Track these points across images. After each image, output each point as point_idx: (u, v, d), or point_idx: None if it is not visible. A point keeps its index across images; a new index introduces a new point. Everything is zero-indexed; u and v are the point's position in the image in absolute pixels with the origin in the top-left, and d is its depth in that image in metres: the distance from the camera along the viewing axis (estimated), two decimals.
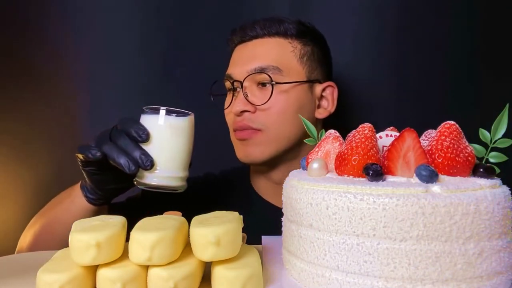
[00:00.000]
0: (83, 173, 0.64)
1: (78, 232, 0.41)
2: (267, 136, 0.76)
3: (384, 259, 0.37)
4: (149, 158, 0.57)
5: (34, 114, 1.02)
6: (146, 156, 0.57)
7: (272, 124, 0.76)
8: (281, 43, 0.79)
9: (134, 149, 0.58)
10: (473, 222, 0.37)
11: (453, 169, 0.41)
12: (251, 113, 0.76)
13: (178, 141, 0.60)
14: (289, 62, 0.78)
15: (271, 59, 0.77)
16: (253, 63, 0.77)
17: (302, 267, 0.43)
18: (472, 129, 0.46)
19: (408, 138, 0.41)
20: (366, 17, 1.01)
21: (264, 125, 0.76)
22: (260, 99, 0.76)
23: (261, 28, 0.79)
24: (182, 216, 0.48)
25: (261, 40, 0.79)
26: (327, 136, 0.50)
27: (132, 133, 0.58)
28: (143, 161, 0.57)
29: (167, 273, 0.39)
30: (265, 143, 0.77)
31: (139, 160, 0.57)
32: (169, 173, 0.59)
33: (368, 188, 0.38)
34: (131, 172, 0.57)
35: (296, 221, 0.44)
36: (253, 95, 0.77)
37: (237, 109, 0.76)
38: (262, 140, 0.76)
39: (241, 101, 0.76)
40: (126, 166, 0.56)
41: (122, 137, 0.59)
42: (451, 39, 1.01)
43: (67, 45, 1.02)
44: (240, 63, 0.79)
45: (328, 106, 0.83)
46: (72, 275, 0.40)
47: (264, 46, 0.79)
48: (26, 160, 1.02)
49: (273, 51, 0.78)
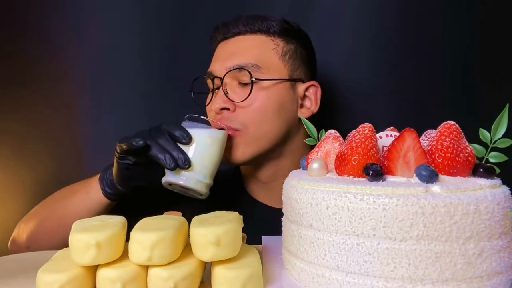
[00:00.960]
0: (115, 166, 0.66)
1: (78, 232, 0.41)
2: (246, 136, 0.75)
3: (384, 259, 0.37)
4: (188, 159, 0.62)
5: (34, 114, 1.02)
6: (185, 156, 0.61)
7: (252, 123, 0.74)
8: (262, 40, 0.78)
9: (175, 148, 0.62)
10: (473, 222, 0.37)
11: (453, 169, 0.41)
12: (230, 112, 0.75)
13: (213, 150, 0.65)
14: (270, 59, 0.77)
15: (251, 56, 0.76)
16: (232, 59, 0.76)
17: (302, 267, 0.43)
18: (472, 129, 0.46)
19: (408, 138, 0.41)
20: (366, 17, 1.01)
21: (243, 124, 0.74)
22: (240, 96, 0.74)
23: (244, 25, 0.78)
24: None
25: (243, 37, 0.78)
26: (327, 136, 0.50)
27: (176, 134, 0.63)
28: (182, 160, 0.61)
29: (167, 273, 0.39)
30: (245, 143, 0.75)
31: (179, 159, 0.61)
32: (198, 176, 0.63)
33: (368, 188, 0.38)
34: (170, 168, 0.60)
35: (296, 221, 0.44)
36: (234, 92, 0.75)
37: (217, 106, 0.74)
38: (241, 140, 0.75)
39: (221, 98, 0.75)
40: (166, 162, 0.60)
41: (164, 136, 0.63)
42: (451, 39, 1.01)
43: (67, 46, 1.02)
44: (221, 59, 0.78)
45: (311, 106, 0.81)
46: (72, 275, 0.40)
47: (244, 42, 0.78)
48: (26, 160, 1.02)
49: (254, 48, 0.77)
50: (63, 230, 0.68)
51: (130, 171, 0.66)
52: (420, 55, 1.01)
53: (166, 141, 0.62)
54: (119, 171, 0.66)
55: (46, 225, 0.73)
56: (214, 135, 0.66)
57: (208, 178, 0.65)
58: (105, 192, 0.70)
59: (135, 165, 0.65)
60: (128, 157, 0.64)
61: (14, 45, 1.00)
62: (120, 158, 0.65)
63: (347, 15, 1.01)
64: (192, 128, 0.65)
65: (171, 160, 0.60)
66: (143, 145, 0.60)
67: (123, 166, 0.65)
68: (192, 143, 0.63)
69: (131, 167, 0.65)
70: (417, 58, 1.01)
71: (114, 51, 1.03)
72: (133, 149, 0.61)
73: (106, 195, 0.70)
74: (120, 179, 0.67)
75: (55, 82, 1.02)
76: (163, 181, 0.65)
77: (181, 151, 0.62)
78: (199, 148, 0.64)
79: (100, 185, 0.70)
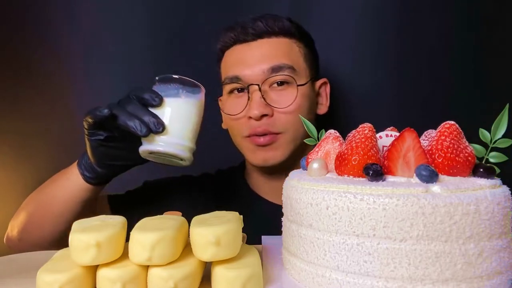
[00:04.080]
0: (88, 145, 0.62)
1: (78, 232, 0.41)
2: (286, 138, 0.76)
3: (384, 259, 0.37)
4: (160, 122, 0.56)
5: (34, 113, 1.02)
6: (157, 119, 0.56)
7: (292, 126, 0.76)
8: (287, 43, 0.79)
9: (145, 113, 0.56)
10: (473, 222, 0.37)
11: (453, 169, 0.41)
12: (269, 117, 0.75)
13: (189, 110, 0.59)
14: (298, 61, 0.78)
15: (285, 59, 0.76)
16: (266, 62, 0.75)
17: (302, 267, 0.43)
18: (472, 129, 0.46)
19: (408, 138, 0.41)
20: (367, 17, 1.01)
21: (284, 128, 0.75)
22: (279, 101, 0.75)
23: (265, 27, 0.77)
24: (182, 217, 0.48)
25: (268, 40, 0.78)
26: (327, 136, 0.50)
27: (144, 97, 0.57)
28: (155, 124, 0.55)
29: (167, 273, 0.39)
30: (284, 145, 0.76)
31: (151, 123, 0.55)
32: (178, 140, 0.57)
33: (368, 188, 0.38)
34: (142, 134, 0.55)
35: (296, 221, 0.44)
36: (268, 97, 0.75)
37: (256, 113, 0.73)
38: (281, 143, 0.76)
39: (260, 104, 0.74)
40: (137, 128, 0.55)
41: (133, 102, 0.58)
42: (452, 39, 1.01)
43: (67, 45, 1.02)
44: (250, 63, 0.76)
45: (324, 101, 0.85)
46: (72, 275, 0.40)
47: (272, 45, 0.77)
48: (26, 160, 1.02)
49: (284, 51, 0.77)
50: (51, 220, 0.68)
51: (104, 148, 0.61)
52: (420, 55, 1.01)
53: (135, 107, 0.57)
54: (93, 149, 0.62)
55: (34, 217, 0.71)
56: (189, 94, 0.60)
57: (189, 141, 0.59)
58: (85, 176, 0.66)
59: (108, 141, 0.60)
60: (98, 132, 0.60)
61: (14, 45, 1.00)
62: (90, 135, 0.60)
63: (347, 14, 1.01)
64: (163, 89, 0.59)
65: (142, 125, 0.55)
66: (108, 114, 0.56)
67: (95, 143, 0.61)
68: (165, 105, 0.58)
69: (104, 143, 0.61)
70: (417, 58, 1.01)
71: (114, 50, 1.03)
72: (98, 120, 0.57)
73: (86, 179, 0.66)
74: (96, 159, 0.63)
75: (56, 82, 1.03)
76: (141, 151, 0.59)
77: (153, 115, 0.56)
78: (175, 109, 0.58)
79: (78, 170, 0.66)
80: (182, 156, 0.58)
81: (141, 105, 0.57)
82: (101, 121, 0.57)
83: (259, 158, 0.78)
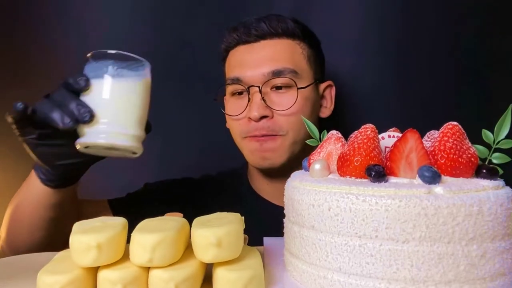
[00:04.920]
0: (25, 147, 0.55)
1: (79, 234, 0.41)
2: (286, 140, 0.76)
3: (386, 260, 0.37)
4: (87, 108, 0.48)
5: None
6: (83, 106, 0.48)
7: (292, 129, 0.75)
8: (291, 45, 0.78)
9: (72, 100, 0.48)
10: (476, 223, 0.36)
11: (456, 170, 0.41)
12: (269, 119, 0.75)
13: (130, 91, 0.50)
14: (300, 63, 0.78)
15: (286, 61, 0.76)
16: (269, 65, 0.75)
17: (304, 268, 0.43)
18: (475, 130, 0.46)
19: (411, 139, 0.41)
20: (370, 18, 1.01)
21: (284, 130, 0.75)
22: (279, 104, 0.75)
23: (268, 28, 0.77)
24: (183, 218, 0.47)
25: (270, 41, 0.77)
26: (329, 137, 0.50)
27: (69, 81, 0.49)
28: (80, 111, 0.47)
29: (168, 274, 0.39)
30: (284, 148, 0.76)
31: (75, 111, 0.47)
32: (120, 128, 0.49)
33: (370, 189, 0.38)
34: (66, 127, 0.48)
35: (298, 223, 0.43)
36: (269, 99, 0.75)
37: (256, 115, 0.74)
38: (281, 145, 0.76)
39: (260, 106, 0.74)
40: (59, 120, 0.48)
41: (58, 90, 0.50)
42: (454, 40, 1.01)
43: (67, 45, 1.02)
44: (251, 65, 0.76)
45: (328, 104, 0.84)
46: (72, 276, 0.40)
47: (275, 47, 0.77)
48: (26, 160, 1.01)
49: (287, 53, 0.77)
50: (26, 224, 0.64)
51: (43, 147, 0.54)
52: (423, 56, 1.01)
53: (60, 94, 0.50)
54: (32, 150, 0.55)
55: (13, 229, 0.67)
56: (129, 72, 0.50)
57: (131, 128, 0.50)
58: (41, 179, 0.60)
59: (43, 138, 0.53)
60: (26, 130, 0.52)
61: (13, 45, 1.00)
62: (20, 135, 0.53)
63: (350, 15, 1.01)
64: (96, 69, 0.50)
65: (65, 116, 0.48)
66: (22, 107, 0.49)
67: (30, 143, 0.54)
68: (96, 88, 0.49)
69: (40, 142, 0.53)
70: (420, 59, 1.01)
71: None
72: (16, 116, 0.50)
73: (43, 182, 0.60)
74: (41, 160, 0.56)
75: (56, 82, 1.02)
76: (77, 145, 0.50)
77: (78, 102, 0.48)
78: (110, 92, 0.49)
79: (35, 173, 0.61)
80: (126, 146, 0.50)
81: (68, 91, 0.50)
82: (21, 117, 0.50)
83: (257, 159, 0.78)
